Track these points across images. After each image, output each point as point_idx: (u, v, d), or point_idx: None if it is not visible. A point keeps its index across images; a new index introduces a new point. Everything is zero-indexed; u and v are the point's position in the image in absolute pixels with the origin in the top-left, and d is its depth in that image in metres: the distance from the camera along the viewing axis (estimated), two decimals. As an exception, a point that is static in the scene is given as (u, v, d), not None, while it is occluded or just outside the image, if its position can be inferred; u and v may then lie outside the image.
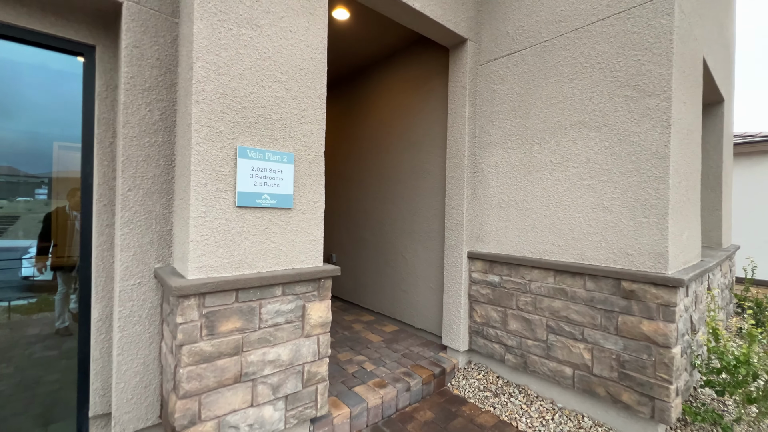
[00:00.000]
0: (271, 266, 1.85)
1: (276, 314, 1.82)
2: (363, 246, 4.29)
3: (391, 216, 3.87)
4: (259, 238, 1.80)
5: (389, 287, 3.91)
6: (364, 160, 4.29)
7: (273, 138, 1.84)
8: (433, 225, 3.41)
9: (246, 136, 1.75)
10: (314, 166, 2.01)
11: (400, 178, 3.77)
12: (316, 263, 2.03)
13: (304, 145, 1.96)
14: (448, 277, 3.08)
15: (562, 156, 2.48)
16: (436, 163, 3.39)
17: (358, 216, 4.37)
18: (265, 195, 1.81)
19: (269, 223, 1.84)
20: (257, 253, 1.80)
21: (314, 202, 2.02)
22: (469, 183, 3.00)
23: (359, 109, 4.35)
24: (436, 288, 3.40)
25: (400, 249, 3.79)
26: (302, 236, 1.97)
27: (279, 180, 1.86)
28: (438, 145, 3.38)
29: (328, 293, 2.03)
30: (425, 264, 3.49)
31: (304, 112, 1.96)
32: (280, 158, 1.86)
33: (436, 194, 3.38)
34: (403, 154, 3.73)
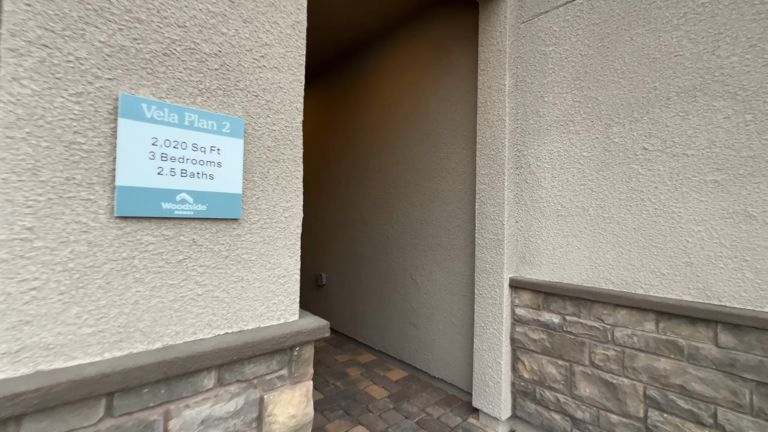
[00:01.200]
0: (194, 332, 0.97)
1: (203, 427, 0.93)
2: (362, 265, 3.42)
3: (399, 227, 3.02)
4: (169, 280, 0.92)
5: (396, 320, 3.03)
6: (362, 158, 3.44)
7: (201, 88, 0.98)
8: (455, 240, 2.56)
9: (141, 78, 0.88)
10: (285, 145, 1.15)
11: (411, 179, 2.92)
12: (286, 317, 1.15)
13: (264, 107, 1.10)
14: (481, 312, 2.22)
15: (664, 140, 1.66)
16: (461, 157, 2.55)
17: (356, 227, 3.50)
18: (184, 194, 0.94)
19: (191, 248, 0.96)
20: (162, 309, 0.92)
21: (285, 208, 1.15)
22: (511, 183, 2.16)
23: (356, 95, 3.52)
24: (460, 325, 2.53)
25: (410, 270, 2.92)
26: (260, 270, 1.09)
27: (212, 166, 0.99)
28: (462, 133, 2.55)
29: (308, 370, 1.14)
30: (445, 291, 2.63)
31: (266, 48, 1.10)
32: (214, 125, 0.99)
33: (461, 199, 2.54)
34: (415, 148, 2.89)
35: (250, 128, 1.07)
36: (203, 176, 0.96)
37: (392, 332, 3.06)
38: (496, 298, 2.15)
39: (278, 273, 1.13)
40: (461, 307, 2.53)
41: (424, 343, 2.77)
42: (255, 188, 1.08)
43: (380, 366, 3.01)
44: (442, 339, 2.64)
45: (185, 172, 0.93)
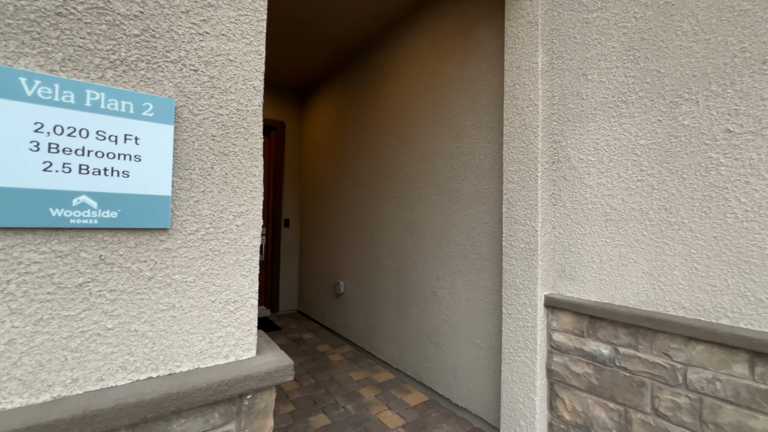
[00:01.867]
0: (100, 378, 0.74)
1: (108, 506, 0.70)
2: (378, 273, 3.14)
3: (418, 233, 2.71)
4: (63, 311, 0.70)
5: (414, 336, 2.72)
6: (380, 158, 3.17)
7: (114, 59, 0.75)
8: (481, 248, 2.21)
9: (25, 45, 0.67)
10: (237, 133, 0.90)
11: (431, 179, 2.61)
12: (237, 353, 0.90)
13: (207, 85, 0.86)
14: (510, 336, 1.85)
15: (759, 118, 1.23)
16: (486, 153, 2.20)
17: (374, 232, 3.24)
18: (84, 197, 0.71)
19: (97, 268, 0.73)
20: (52, 349, 0.69)
21: (236, 214, 0.90)
22: (546, 181, 1.79)
23: (375, 90, 3.26)
24: (487, 348, 2.17)
25: (430, 281, 2.60)
26: (199, 295, 0.85)
27: (127, 160, 0.76)
28: (488, 125, 2.20)
29: (265, 423, 0.88)
30: (468, 307, 2.28)
31: (210, 10, 0.86)
32: (130, 107, 0.76)
33: (487, 201, 2.18)
34: (435, 144, 2.58)
35: (187, 111, 0.83)
36: (113, 174, 0.74)
37: (411, 350, 2.75)
38: (527, 319, 1.78)
39: (226, 297, 0.88)
40: (488, 327, 2.17)
41: (446, 365, 2.43)
42: (193, 189, 0.84)
43: (398, 387, 2.71)
44: (465, 362, 2.29)
45: (86, 169, 0.71)
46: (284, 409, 2.37)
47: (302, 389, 2.65)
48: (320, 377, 2.84)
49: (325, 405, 2.43)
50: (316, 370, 2.96)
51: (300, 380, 2.78)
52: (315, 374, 2.90)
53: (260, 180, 0.93)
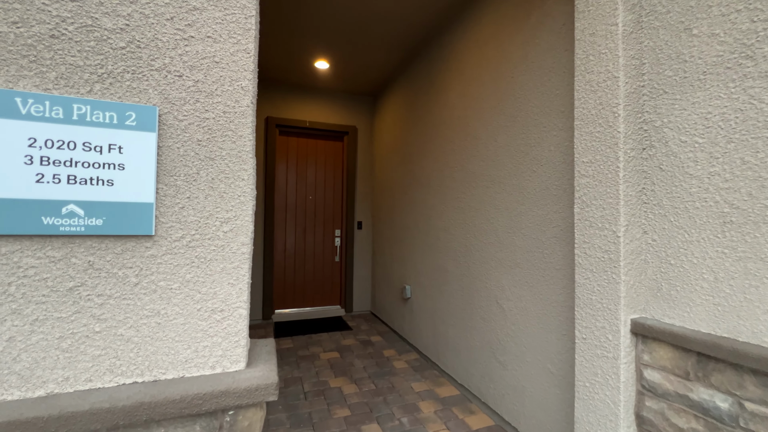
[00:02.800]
0: (89, 379, 0.77)
1: (89, 505, 0.72)
2: (443, 279, 2.93)
3: (481, 237, 2.44)
4: (56, 312, 0.75)
5: (479, 351, 2.45)
6: (442, 155, 2.97)
7: (102, 73, 0.78)
8: (551, 256, 1.86)
9: (23, 68, 0.73)
10: (223, 137, 0.87)
11: (495, 176, 2.32)
12: (224, 365, 0.86)
13: (192, 90, 0.85)
14: (585, 366, 1.50)
15: None
16: (557, 142, 1.85)
17: (438, 235, 3.04)
18: (72, 206, 0.75)
19: (86, 273, 0.77)
20: (46, 348, 0.74)
21: (223, 220, 0.87)
22: (632, 172, 1.39)
23: (435, 86, 3.07)
24: (560, 375, 1.81)
25: (495, 292, 2.30)
26: (184, 302, 0.83)
27: (112, 169, 0.78)
28: (558, 108, 1.84)
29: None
30: (538, 325, 1.94)
31: (196, 13, 0.85)
32: (114, 118, 0.78)
33: (558, 199, 1.83)
34: (499, 137, 2.28)
35: (171, 118, 0.83)
36: (99, 182, 0.76)
37: (476, 366, 2.49)
38: (607, 347, 1.41)
39: (212, 306, 0.85)
40: (561, 351, 1.81)
41: (513, 388, 2.12)
42: (178, 195, 0.83)
43: (461, 405, 2.47)
44: (534, 389, 1.96)
45: (73, 179, 0.75)
46: (340, 413, 2.36)
47: (361, 394, 2.61)
48: (381, 384, 2.78)
49: (380, 415, 2.35)
50: (378, 376, 2.91)
51: (360, 384, 2.76)
52: (376, 380, 2.84)
53: (250, 184, 0.89)
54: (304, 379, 2.85)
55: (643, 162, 1.42)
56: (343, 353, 3.38)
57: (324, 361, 3.19)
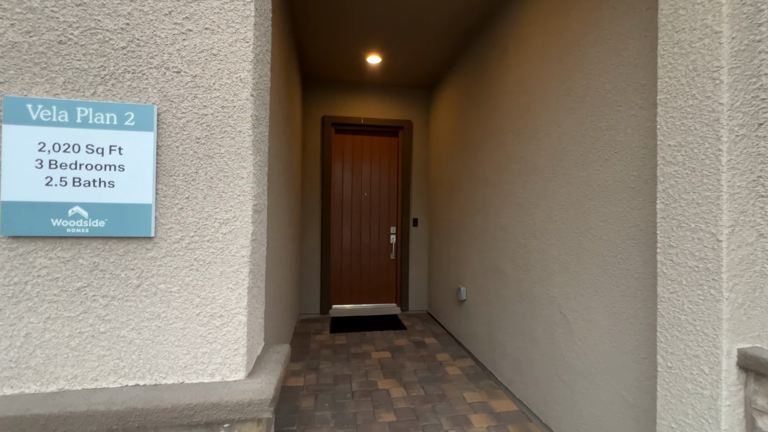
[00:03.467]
0: (95, 378, 0.78)
1: (91, 503, 0.73)
2: (500, 283, 2.67)
3: (543, 237, 2.14)
4: (65, 311, 0.77)
5: (540, 366, 2.17)
6: (500, 147, 2.69)
7: (104, 74, 0.78)
8: (627, 261, 1.53)
9: (35, 75, 0.76)
10: (222, 133, 0.82)
11: (557, 168, 2.01)
12: (224, 373, 0.82)
13: (190, 86, 0.81)
14: (670, 403, 1.19)
15: None
16: (635, 123, 1.52)
17: (495, 234, 2.78)
18: (77, 208, 0.77)
19: (92, 274, 0.78)
20: (57, 345, 0.77)
21: (222, 221, 0.82)
22: (742, 156, 1.05)
23: (491, 71, 2.78)
24: (638, 406, 1.49)
25: (558, 300, 2.01)
26: (183, 306, 0.81)
27: (112, 171, 0.78)
28: (637, 81, 1.50)
29: (246, 458, 0.77)
30: (610, 343, 1.63)
31: (193, 5, 0.82)
32: (114, 119, 0.77)
33: (638, 193, 1.50)
34: (563, 122, 1.97)
35: (170, 116, 0.80)
36: (101, 184, 0.77)
37: (535, 381, 2.21)
38: (702, 383, 1.10)
39: (211, 311, 0.81)
40: (639, 377, 1.49)
41: (579, 414, 1.82)
42: (177, 195, 0.80)
43: (518, 424, 2.22)
44: (607, 419, 1.65)
45: (78, 181, 0.76)
46: (385, 417, 2.28)
47: (409, 399, 2.51)
48: (431, 390, 2.64)
49: (426, 424, 2.22)
50: (429, 381, 2.77)
51: (409, 388, 2.65)
52: (426, 385, 2.71)
53: (250, 183, 0.83)
54: (353, 377, 2.83)
55: (759, 142, 1.07)
56: (395, 354, 3.30)
57: (375, 361, 3.14)
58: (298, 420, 2.25)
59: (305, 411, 2.35)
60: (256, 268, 0.90)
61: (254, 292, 0.88)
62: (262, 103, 0.93)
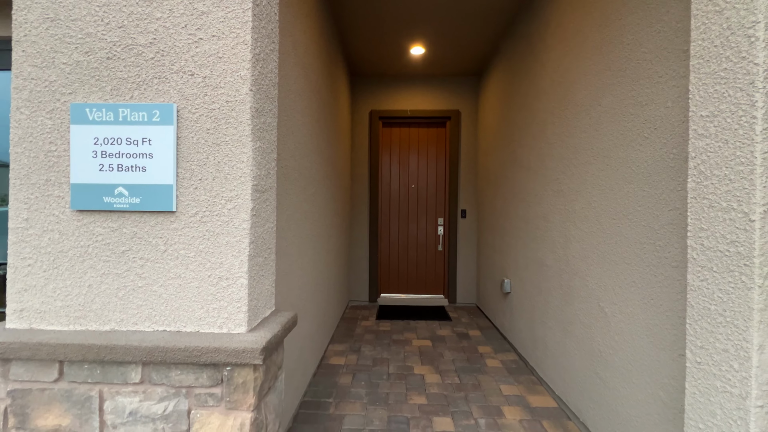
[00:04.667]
0: (135, 323, 0.99)
1: (132, 418, 0.94)
2: (542, 275, 2.54)
3: (582, 224, 2.00)
4: (114, 269, 0.98)
5: (578, 360, 2.04)
6: (541, 131, 2.54)
7: (139, 81, 0.98)
8: (666, 249, 1.39)
9: (92, 86, 0.98)
10: (227, 124, 0.97)
11: (597, 149, 1.86)
12: (229, 326, 0.98)
13: (201, 86, 0.97)
14: (698, 400, 1.07)
15: None
16: (676, 95, 1.36)
17: (537, 223, 2.65)
18: (120, 188, 0.97)
19: (132, 240, 0.98)
20: (110, 295, 0.98)
21: (227, 198, 0.98)
22: (787, 123, 0.91)
23: (534, 53, 2.62)
24: (674, 406, 1.35)
25: (596, 292, 1.87)
26: (198, 269, 0.98)
27: (144, 158, 0.97)
28: (679, 48, 1.34)
29: (245, 398, 0.92)
30: (647, 339, 1.49)
31: (203, 18, 0.97)
32: (145, 116, 0.96)
33: (676, 173, 1.35)
34: (603, 99, 1.81)
35: (186, 112, 0.97)
36: (137, 169, 0.96)
37: (574, 378, 2.09)
38: (731, 380, 0.98)
39: (219, 274, 0.97)
40: (676, 376, 1.35)
41: (615, 412, 1.69)
42: (193, 177, 0.97)
43: (554, 420, 2.12)
44: (642, 419, 1.52)
45: (121, 167, 0.96)
46: (416, 400, 2.35)
47: (443, 386, 2.54)
48: (466, 379, 2.63)
49: (456, 410, 2.24)
50: (466, 371, 2.76)
51: (444, 376, 2.68)
52: (462, 375, 2.70)
53: (249, 165, 0.97)
54: (391, 361, 2.94)
55: (809, 105, 0.91)
56: (436, 343, 3.33)
57: (414, 348, 3.21)
58: (335, 393, 2.42)
59: (342, 387, 2.52)
60: (260, 240, 1.04)
61: (257, 260, 1.03)
62: (265, 97, 1.06)
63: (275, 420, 1.07)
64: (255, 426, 0.93)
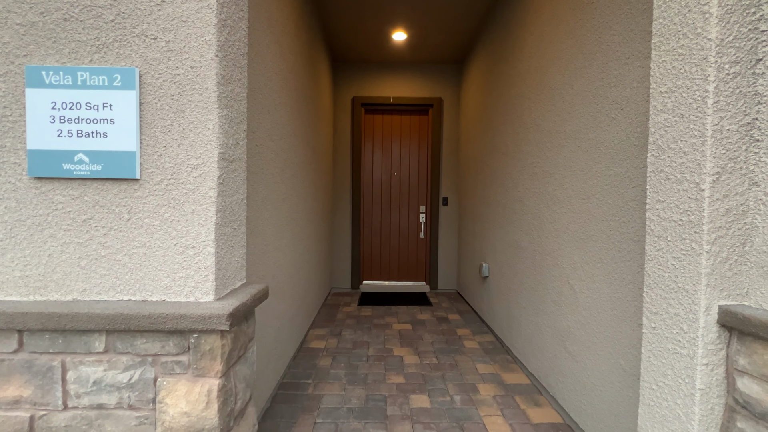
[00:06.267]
0: (98, 293, 0.97)
1: (96, 387, 0.93)
2: (517, 257, 2.61)
3: (555, 206, 2.06)
4: (76, 238, 0.96)
5: (548, 338, 2.12)
6: (519, 116, 2.58)
7: (98, 44, 0.95)
8: (629, 225, 1.45)
9: (48, 48, 0.94)
10: (192, 90, 0.96)
11: (569, 132, 1.91)
12: (196, 295, 0.97)
13: (164, 50, 0.95)
14: (652, 363, 1.13)
15: None
16: (638, 75, 1.40)
17: (513, 207, 2.71)
18: (81, 154, 0.95)
19: (94, 209, 0.96)
20: (72, 264, 0.96)
21: (193, 166, 0.96)
22: (731, 95, 0.95)
23: (512, 40, 2.63)
24: (633, 372, 1.43)
25: (566, 270, 1.93)
26: (163, 237, 0.97)
27: (106, 124, 0.94)
28: (642, 29, 1.38)
29: (212, 365, 0.92)
30: (610, 311, 1.55)
31: (166, -21, 0.95)
32: (105, 80, 0.94)
33: (640, 151, 1.40)
34: (575, 83, 1.85)
35: (150, 77, 0.95)
36: (97, 135, 0.94)
37: (545, 354, 2.16)
38: (681, 341, 1.04)
39: (185, 243, 0.96)
40: (636, 345, 1.42)
41: (582, 384, 1.77)
42: (157, 144, 0.95)
43: (526, 395, 2.20)
44: (605, 387, 1.60)
45: (81, 133, 0.94)
46: (394, 379, 2.39)
47: (421, 366, 2.59)
48: (444, 359, 2.69)
49: (433, 388, 2.29)
50: (444, 352, 2.82)
51: (423, 357, 2.73)
52: (440, 355, 2.76)
53: (216, 133, 0.96)
54: (371, 344, 2.97)
55: (756, 80, 0.96)
56: (416, 326, 3.38)
57: (395, 331, 3.26)
58: (314, 375, 2.44)
59: (322, 368, 2.54)
60: (228, 210, 1.03)
61: (226, 230, 1.02)
62: (233, 65, 1.04)
63: (246, 389, 1.07)
64: (223, 393, 0.93)
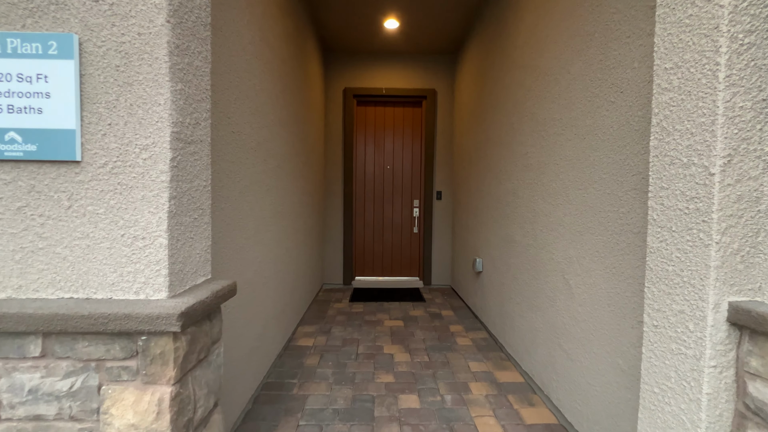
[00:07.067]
0: (36, 290, 0.86)
1: (32, 396, 0.82)
2: (511, 251, 2.52)
3: (549, 198, 1.96)
4: (9, 228, 0.85)
5: (542, 335, 2.03)
6: (513, 105, 2.47)
7: (32, 7, 0.83)
8: (628, 215, 1.35)
9: (-26, 11, 0.83)
10: (140, 60, 0.84)
11: (565, 119, 1.81)
12: (147, 291, 0.86)
13: (108, 14, 0.83)
14: (653, 363, 1.04)
15: None
16: (640, 54, 1.30)
17: (507, 200, 2.61)
18: (12, 133, 0.83)
19: (30, 195, 0.85)
20: (4, 258, 0.85)
21: (142, 147, 0.85)
22: (745, 68, 0.85)
23: (506, 27, 2.53)
24: (632, 373, 1.34)
25: (562, 265, 1.84)
26: (109, 227, 0.86)
27: (40, 98, 0.83)
28: (643, 4, 1.28)
29: (164, 371, 0.82)
30: (608, 308, 1.46)
31: (108, -68, 0.83)
32: (39, 48, 0.82)
33: (641, 136, 1.30)
34: (572, 67, 1.75)
35: (91, 45, 0.83)
36: (31, 111, 0.82)
37: (538, 352, 2.08)
38: (686, 341, 0.95)
39: (134, 233, 0.85)
40: (635, 343, 1.33)
41: (577, 384, 1.69)
42: (100, 122, 0.84)
43: (520, 394, 2.12)
44: (601, 388, 1.51)
45: (12, 108, 0.82)
46: (383, 378, 2.30)
47: (411, 364, 2.50)
48: (436, 357, 2.60)
49: (423, 387, 2.20)
50: (436, 350, 2.73)
51: (414, 355, 2.64)
52: (432, 353, 2.68)
53: (167, 109, 0.85)
54: (361, 341, 2.88)
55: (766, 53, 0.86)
56: (408, 323, 3.29)
57: (386, 328, 3.16)
58: (300, 374, 2.34)
59: (308, 367, 2.44)
60: (185, 197, 0.92)
61: (182, 219, 0.91)
62: (190, 34, 0.93)
63: (208, 396, 0.97)
64: (177, 402, 0.83)
